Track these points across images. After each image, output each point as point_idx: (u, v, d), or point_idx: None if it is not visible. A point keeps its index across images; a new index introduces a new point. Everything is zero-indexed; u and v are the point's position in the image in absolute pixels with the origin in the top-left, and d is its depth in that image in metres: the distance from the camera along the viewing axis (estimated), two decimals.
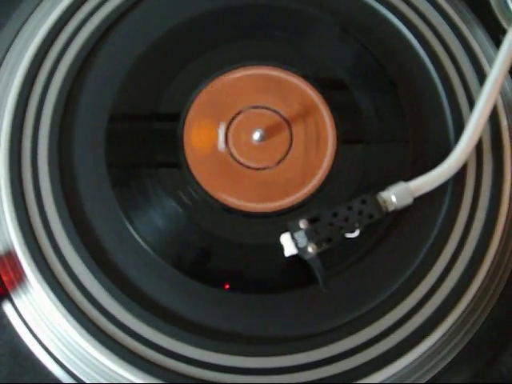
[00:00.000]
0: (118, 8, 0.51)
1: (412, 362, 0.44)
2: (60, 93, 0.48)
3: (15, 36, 0.51)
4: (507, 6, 0.52)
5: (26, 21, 0.51)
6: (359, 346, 0.43)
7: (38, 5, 0.52)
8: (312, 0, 0.52)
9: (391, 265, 0.45)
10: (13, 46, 0.50)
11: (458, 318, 0.44)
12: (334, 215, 0.43)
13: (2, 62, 0.50)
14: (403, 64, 0.51)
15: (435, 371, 0.44)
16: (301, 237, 0.43)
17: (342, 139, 0.48)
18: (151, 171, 0.47)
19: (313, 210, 0.45)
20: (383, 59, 0.50)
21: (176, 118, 0.48)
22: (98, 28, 0.50)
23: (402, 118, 0.49)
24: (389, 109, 0.49)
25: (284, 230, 0.44)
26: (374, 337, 0.43)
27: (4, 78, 0.49)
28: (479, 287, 0.45)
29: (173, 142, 0.48)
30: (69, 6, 0.51)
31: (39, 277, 0.44)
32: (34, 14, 0.51)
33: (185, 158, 0.47)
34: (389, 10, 0.52)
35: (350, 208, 0.44)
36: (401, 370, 0.43)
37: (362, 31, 0.51)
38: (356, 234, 0.44)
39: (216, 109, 0.49)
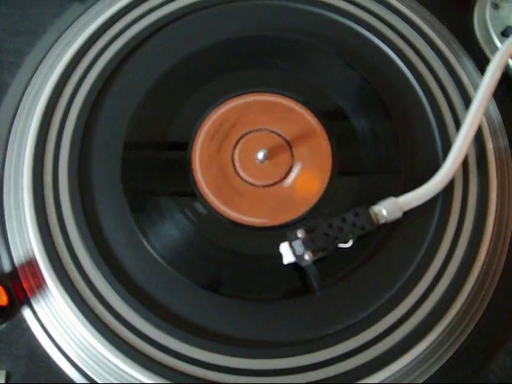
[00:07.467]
0: (127, 44, 0.53)
1: (405, 366, 0.45)
2: (76, 125, 0.50)
3: (38, 65, 0.53)
4: (492, 40, 0.54)
5: (48, 51, 0.54)
6: (356, 349, 0.44)
7: (59, 36, 0.55)
8: (312, 32, 0.54)
9: (384, 274, 0.47)
10: (34, 77, 0.53)
11: (447, 327, 0.46)
12: (330, 226, 0.45)
13: (25, 90, 0.52)
14: (396, 92, 0.53)
15: (426, 376, 0.45)
16: (298, 245, 0.44)
17: (338, 161, 0.50)
18: (164, 191, 0.49)
19: (310, 222, 0.46)
20: (378, 88, 0.52)
21: (184, 145, 0.50)
22: (110, 61, 0.53)
23: (395, 141, 0.50)
24: (383, 133, 0.51)
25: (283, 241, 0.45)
26: (369, 341, 0.45)
27: (26, 109, 0.52)
28: (468, 296, 0.46)
29: (183, 165, 0.50)
30: (84, 43, 0.53)
31: (58, 284, 0.45)
32: (55, 46, 0.54)
33: (194, 180, 0.49)
34: (385, 43, 0.54)
35: (344, 220, 0.45)
36: (397, 372, 0.45)
37: (359, 62, 0.53)
38: (349, 244, 0.45)
39: (222, 132, 0.51)
